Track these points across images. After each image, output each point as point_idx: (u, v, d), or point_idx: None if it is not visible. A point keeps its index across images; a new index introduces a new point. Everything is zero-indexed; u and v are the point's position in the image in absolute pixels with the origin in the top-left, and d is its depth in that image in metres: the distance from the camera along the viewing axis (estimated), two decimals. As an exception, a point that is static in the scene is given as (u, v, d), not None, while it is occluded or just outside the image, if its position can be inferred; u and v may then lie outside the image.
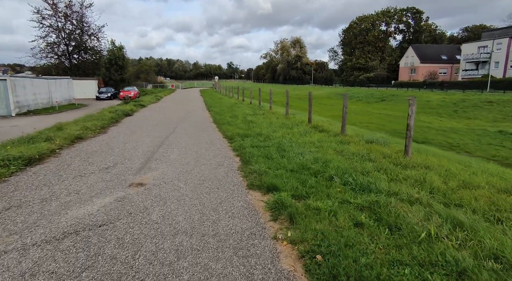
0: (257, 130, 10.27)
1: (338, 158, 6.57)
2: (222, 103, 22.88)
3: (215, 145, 8.22)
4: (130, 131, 10.31)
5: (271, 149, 7.29)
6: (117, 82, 44.55)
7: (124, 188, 4.64)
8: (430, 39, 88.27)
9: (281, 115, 14.87)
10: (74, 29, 44.20)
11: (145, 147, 7.81)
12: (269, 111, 16.65)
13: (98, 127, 10.54)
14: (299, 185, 4.64)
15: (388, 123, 29.37)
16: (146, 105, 21.25)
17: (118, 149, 7.49)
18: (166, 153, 7.14)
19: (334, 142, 8.51)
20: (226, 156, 7.01)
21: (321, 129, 10.70)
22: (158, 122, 12.85)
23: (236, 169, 5.89)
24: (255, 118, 13.35)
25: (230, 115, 14.78)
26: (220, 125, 11.80)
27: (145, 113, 16.33)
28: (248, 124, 11.69)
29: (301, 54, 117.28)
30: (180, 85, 77.74)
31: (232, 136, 9.22)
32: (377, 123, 29.57)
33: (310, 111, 12.30)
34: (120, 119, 13.45)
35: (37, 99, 25.66)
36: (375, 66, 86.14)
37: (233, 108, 18.38)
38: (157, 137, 9.23)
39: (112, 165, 5.94)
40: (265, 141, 8.43)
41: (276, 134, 9.43)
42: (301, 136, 9.37)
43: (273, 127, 11.07)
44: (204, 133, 10.24)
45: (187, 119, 13.85)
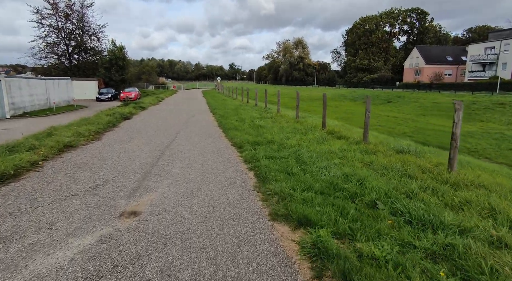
0: (268, 136, 9.24)
1: (371, 173, 5.52)
2: (226, 105, 21.85)
3: (223, 155, 7.18)
4: (128, 138, 9.28)
5: (289, 161, 6.25)
6: (118, 83, 43.62)
7: (112, 219, 3.60)
8: (434, 40, 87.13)
9: (291, 119, 13.83)
10: (74, 29, 43.37)
11: (143, 157, 6.78)
12: (277, 114, 15.61)
13: (92, 133, 9.52)
14: (338, 215, 3.60)
15: (397, 126, 28.32)
16: (146, 108, 20.22)
17: (111, 160, 6.45)
18: (167, 165, 6.10)
19: (358, 151, 7.47)
20: (237, 169, 5.97)
21: (339, 135, 9.66)
22: (159, 127, 11.82)
23: (251, 189, 4.85)
24: (263, 123, 12.32)
25: (236, 119, 13.74)
26: (227, 130, 10.77)
27: (145, 117, 15.31)
28: (257, 130, 10.65)
29: (304, 55, 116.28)
30: (182, 86, 76.80)
31: (241, 144, 8.19)
32: (386, 126, 28.51)
33: (324, 115, 11.26)
34: (117, 123, 12.42)
35: (34, 101, 24.71)
36: (379, 67, 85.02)
37: (239, 111, 17.35)
38: (157, 145, 8.19)
39: (102, 183, 4.90)
40: (280, 150, 7.39)
41: (290, 142, 8.39)
42: (318, 144, 8.33)
43: (285, 133, 10.03)
44: (209, 140, 9.20)
45: (190, 124, 12.82)
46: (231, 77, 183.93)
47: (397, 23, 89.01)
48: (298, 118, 13.83)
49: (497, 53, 56.50)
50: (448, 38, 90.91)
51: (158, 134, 9.97)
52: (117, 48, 43.74)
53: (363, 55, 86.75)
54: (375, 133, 14.51)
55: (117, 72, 43.26)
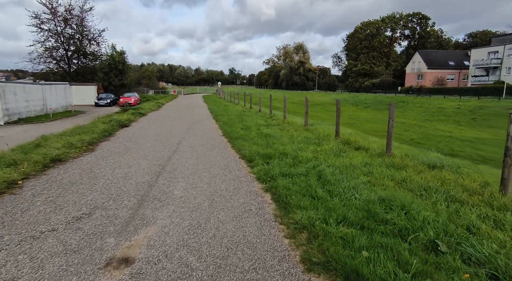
0: (279, 147, 8.37)
1: (412, 197, 4.64)
2: (229, 111, 21.00)
3: (232, 171, 6.29)
4: (124, 149, 8.38)
5: (310, 180, 5.36)
6: (117, 88, 42.82)
7: (95, 272, 2.70)
8: (436, 45, 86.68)
9: (299, 126, 12.96)
10: (73, 34, 42.70)
11: (141, 175, 5.88)
12: (284, 121, 14.75)
13: (85, 144, 8.63)
14: (395, 266, 2.71)
15: (404, 132, 27.46)
16: (145, 114, 19.33)
17: (103, 179, 5.56)
18: (168, 186, 5.21)
19: (384, 166, 6.59)
20: (250, 190, 5.08)
21: (356, 146, 8.79)
22: (158, 136, 10.94)
23: (272, 219, 3.96)
24: (271, 131, 11.45)
25: (241, 127, 12.87)
26: (233, 140, 9.89)
27: (144, 124, 14.42)
28: (265, 139, 9.77)
29: (304, 60, 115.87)
30: (182, 91, 76.06)
31: (251, 157, 7.30)
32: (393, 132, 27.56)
33: (337, 123, 10.39)
34: (114, 132, 11.52)
35: (29, 107, 23.88)
36: (381, 72, 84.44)
37: (243, 118, 16.49)
38: (156, 158, 7.30)
39: (89, 212, 4.01)
40: (296, 165, 6.51)
41: (305, 154, 7.50)
42: (336, 157, 7.45)
43: (297, 143, 9.15)
44: (214, 151, 8.31)
45: (192, 132, 11.94)
46: (231, 82, 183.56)
47: (398, 27, 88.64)
48: (307, 125, 12.97)
49: (501, 58, 55.88)
50: (449, 43, 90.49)
51: (158, 145, 9.08)
52: (116, 52, 43.00)
53: (364, 59, 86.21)
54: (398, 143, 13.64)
55: (116, 77, 42.48)
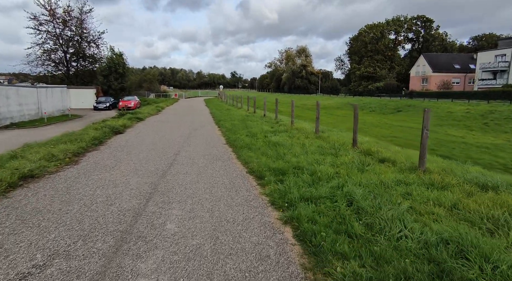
0: (292, 159, 7.22)
1: (482, 235, 3.48)
2: (232, 116, 19.88)
3: (239, 192, 5.14)
4: (113, 162, 7.25)
5: (339, 206, 4.21)
6: (117, 91, 41.82)
7: None
8: (440, 48, 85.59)
9: (310, 133, 11.82)
10: (73, 36, 41.83)
11: (127, 198, 4.73)
12: (291, 127, 13.61)
13: (69, 155, 7.50)
14: None
15: (415, 137, 26.20)
16: (143, 119, 18.19)
17: (79, 204, 4.41)
18: (158, 216, 4.05)
19: (422, 185, 5.45)
20: (265, 221, 3.93)
21: (380, 157, 7.63)
22: (154, 144, 9.80)
23: (300, 274, 2.80)
24: (279, 139, 10.30)
25: (246, 134, 11.74)
26: (238, 149, 8.73)
27: (141, 130, 13.27)
28: (275, 149, 8.62)
29: (307, 63, 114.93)
30: (183, 95, 75.13)
31: (261, 172, 6.15)
32: (402, 137, 26.44)
33: (355, 131, 9.24)
34: (106, 140, 10.36)
35: (23, 111, 22.83)
36: (384, 75, 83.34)
37: (247, 123, 15.36)
38: (149, 174, 6.15)
39: (43, 263, 2.86)
40: (316, 184, 5.36)
41: (324, 168, 6.35)
42: (361, 172, 6.30)
43: (311, 154, 8.00)
44: (217, 164, 7.17)
45: (192, 140, 10.80)
46: (232, 86, 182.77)
47: (402, 30, 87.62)
48: (319, 132, 11.82)
49: (509, 61, 54.72)
50: (453, 46, 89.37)
51: (153, 156, 7.94)
52: (116, 54, 42.04)
53: (368, 63, 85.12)
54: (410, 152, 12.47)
55: (116, 80, 41.50)
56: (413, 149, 15.51)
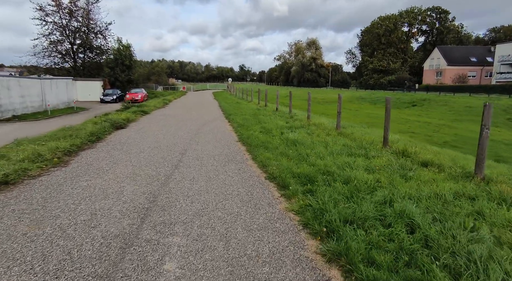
0: (318, 162, 6.12)
1: None
2: (243, 110, 18.77)
3: (260, 208, 4.06)
4: (108, 163, 6.23)
5: (399, 236, 3.11)
6: (124, 84, 40.99)
7: None
8: (455, 41, 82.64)
9: (330, 129, 10.66)
10: (79, 27, 41.01)
11: (117, 215, 3.68)
12: (308, 122, 12.44)
13: (58, 154, 6.50)
14: None
15: (433, 133, 24.86)
16: (149, 112, 17.17)
17: (52, 227, 3.31)
18: (154, 246, 2.98)
19: (491, 199, 4.31)
20: (301, 258, 2.86)
21: (421, 160, 6.46)
22: (158, 142, 8.76)
23: None
24: (298, 136, 9.17)
25: (259, 130, 10.64)
26: (253, 149, 7.64)
27: (144, 125, 12.24)
28: (295, 148, 7.51)
29: (317, 56, 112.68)
30: (192, 87, 74.12)
31: (283, 179, 5.06)
32: (421, 133, 25.00)
33: (387, 128, 8.06)
34: (104, 135, 9.34)
35: (25, 103, 22.06)
36: (397, 68, 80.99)
37: (259, 118, 14.25)
38: (148, 180, 5.11)
39: None
40: (356, 197, 4.25)
41: (359, 174, 5.22)
42: (405, 179, 5.18)
43: (338, 155, 6.87)
44: (230, 167, 6.10)
45: (201, 137, 9.74)
46: (241, 79, 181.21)
47: (416, 22, 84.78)
48: (340, 128, 10.65)
49: (530, 54, 52.32)
50: (469, 39, 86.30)
51: (156, 156, 6.90)
52: (123, 46, 41.09)
53: (380, 56, 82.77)
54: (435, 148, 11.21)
55: (123, 72, 40.62)
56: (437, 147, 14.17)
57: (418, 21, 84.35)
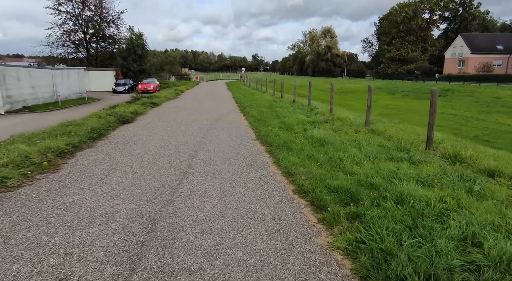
0: (355, 169, 5.04)
1: None
2: (258, 101, 17.65)
3: (293, 243, 3.01)
4: (105, 169, 5.26)
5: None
6: (137, 74, 40.29)
7: None
8: (479, 28, 78.37)
9: (357, 125, 9.48)
10: (92, 16, 40.36)
11: (99, 256, 2.66)
12: (331, 116, 11.26)
13: (49, 156, 5.60)
14: None
15: (461, 126, 23.19)
16: (159, 104, 16.22)
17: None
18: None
19: None
20: None
21: (484, 168, 5.27)
22: (166, 140, 7.76)
23: None
24: (324, 133, 8.04)
25: (279, 125, 9.55)
26: (274, 150, 6.57)
27: (153, 119, 11.28)
28: (323, 150, 6.41)
29: (332, 45, 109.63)
30: (204, 77, 73.15)
31: (317, 196, 4.00)
32: (447, 126, 23.29)
33: (432, 126, 6.83)
34: (108, 132, 8.41)
35: (36, 93, 21.50)
36: (417, 57, 77.69)
37: (276, 110, 13.13)
38: (149, 196, 4.07)
39: None
40: (422, 226, 3.16)
41: (413, 189, 4.11)
42: (475, 197, 4.03)
43: (375, 158, 5.75)
44: (249, 176, 5.06)
45: (214, 134, 8.72)
46: (254, 69, 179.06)
47: (438, 9, 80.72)
48: (369, 124, 9.45)
49: None
50: (495, 25, 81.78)
51: (161, 160, 5.90)
52: (135, 35, 40.24)
53: (399, 44, 79.48)
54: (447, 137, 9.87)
55: (135, 62, 39.87)
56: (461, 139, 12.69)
57: (440, 7, 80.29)
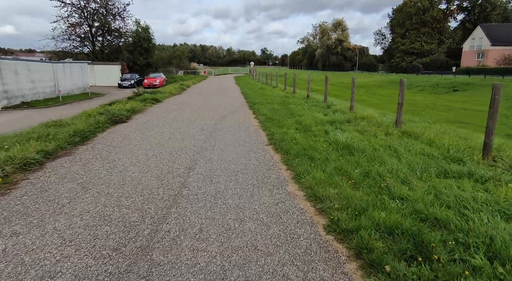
0: (404, 192, 3.71)
1: None
2: (268, 97, 16.28)
3: None
4: (72, 191, 3.92)
5: None
6: (143, 68, 39.21)
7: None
8: (500, 18, 74.77)
9: (386, 125, 8.06)
10: (97, 8, 39.35)
11: None
12: (353, 115, 9.84)
13: (7, 170, 4.40)
14: None
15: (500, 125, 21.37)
16: (161, 100, 14.89)
17: None
18: None
19: None
20: None
21: None
22: (161, 146, 6.49)
23: None
24: (349, 137, 6.67)
25: (294, 126, 8.20)
26: (291, 160, 5.24)
27: (151, 118, 9.99)
28: (353, 160, 5.05)
29: (343, 38, 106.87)
30: (213, 72, 71.79)
31: (365, 244, 2.71)
32: (472, 123, 21.45)
33: (491, 131, 5.43)
34: (94, 134, 7.17)
35: (36, 88, 20.53)
36: (433, 50, 74.74)
37: (289, 107, 11.78)
38: (120, 240, 2.75)
39: None
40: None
41: (501, 230, 2.77)
42: None
43: (424, 173, 4.39)
44: (262, 200, 3.76)
45: (218, 137, 7.42)
46: (263, 63, 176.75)
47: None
48: (400, 125, 8.03)
49: None
50: (515, 16, 77.96)
51: (148, 176, 4.58)
52: (141, 28, 39.09)
53: (413, 37, 76.57)
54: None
55: (141, 56, 38.75)
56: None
57: (458, -4, 76.92)
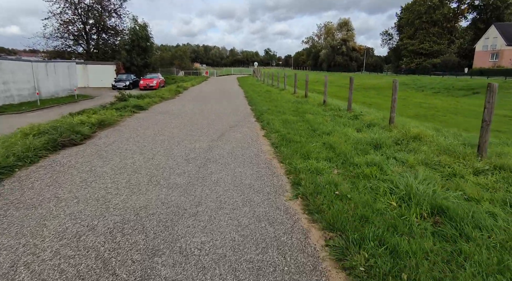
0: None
1: None
2: (277, 102, 13.62)
3: None
4: None
5: None
6: (141, 68, 36.68)
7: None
8: (513, 17, 71.60)
9: (463, 154, 5.40)
10: (92, 4, 36.91)
11: None
12: (397, 130, 7.15)
13: None
14: None
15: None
16: (146, 108, 11.55)
17: None
18: None
19: None
20: None
21: None
22: (97, 210, 3.77)
23: None
24: (422, 178, 4.02)
25: (325, 153, 5.56)
26: (353, 251, 2.65)
27: (119, 138, 6.97)
28: (452, 240, 2.44)
29: (348, 38, 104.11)
30: (215, 72, 69.17)
31: None
32: (509, 131, 18.50)
33: None
34: (11, 172, 4.58)
35: (10, 90, 17.96)
36: (443, 50, 71.81)
37: (307, 118, 9.14)
38: None
39: None
40: None
41: None
42: None
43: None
44: None
45: (209, 177, 4.71)
46: (266, 63, 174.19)
47: (467, -3, 74.18)
48: (486, 153, 5.36)
49: None
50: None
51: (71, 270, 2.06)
52: (139, 26, 36.57)
53: (423, 36, 73.63)
54: None
55: (139, 55, 36.22)
56: None
57: (470, -5, 73.84)
